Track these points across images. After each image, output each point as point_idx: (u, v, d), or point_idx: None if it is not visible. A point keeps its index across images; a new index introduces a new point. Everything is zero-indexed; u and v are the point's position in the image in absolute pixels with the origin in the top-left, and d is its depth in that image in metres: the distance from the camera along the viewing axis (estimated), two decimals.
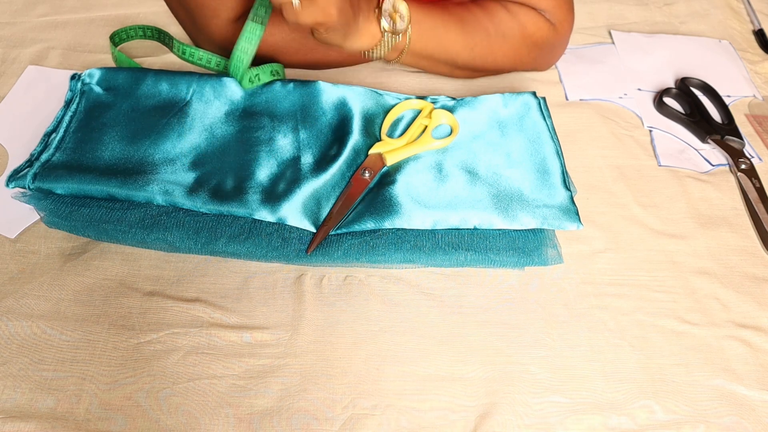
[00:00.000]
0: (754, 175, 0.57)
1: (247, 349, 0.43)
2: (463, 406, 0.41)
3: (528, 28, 0.58)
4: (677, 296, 0.48)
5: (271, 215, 0.47)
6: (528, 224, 0.47)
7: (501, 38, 0.57)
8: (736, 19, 0.76)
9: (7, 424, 0.39)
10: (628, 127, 0.61)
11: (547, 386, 0.43)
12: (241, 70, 0.54)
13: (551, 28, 0.59)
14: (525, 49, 0.59)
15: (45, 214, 0.47)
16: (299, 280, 0.47)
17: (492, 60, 0.58)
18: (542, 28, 0.58)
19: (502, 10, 0.58)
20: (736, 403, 0.43)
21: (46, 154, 0.49)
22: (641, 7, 0.76)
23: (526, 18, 0.58)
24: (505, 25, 0.57)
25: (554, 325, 0.46)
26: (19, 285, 0.46)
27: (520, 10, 0.58)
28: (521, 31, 0.58)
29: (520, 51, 0.59)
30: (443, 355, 0.44)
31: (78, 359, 0.42)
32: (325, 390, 0.42)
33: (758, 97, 0.65)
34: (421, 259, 0.47)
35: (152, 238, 0.46)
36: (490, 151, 0.52)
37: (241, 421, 0.40)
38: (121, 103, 0.53)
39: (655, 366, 0.44)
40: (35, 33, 0.66)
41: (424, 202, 0.48)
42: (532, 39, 0.58)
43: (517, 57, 0.60)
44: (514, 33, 0.58)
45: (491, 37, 0.57)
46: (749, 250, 0.52)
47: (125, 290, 0.46)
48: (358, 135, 0.52)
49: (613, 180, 0.56)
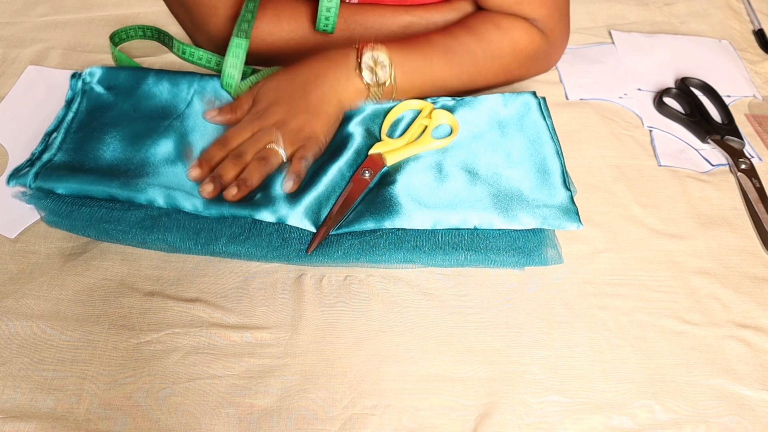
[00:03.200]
0: (754, 175, 0.57)
1: (247, 349, 0.43)
2: (463, 406, 0.41)
3: (519, 44, 0.57)
4: (677, 296, 0.48)
5: (271, 215, 0.47)
6: (528, 224, 0.47)
7: (490, 60, 0.57)
8: (736, 19, 0.76)
9: (7, 424, 0.39)
10: (628, 127, 0.61)
11: (547, 386, 0.43)
12: (234, 86, 0.54)
13: (543, 38, 0.58)
14: (516, 64, 0.58)
15: (45, 213, 0.47)
16: (299, 280, 0.47)
17: (483, 81, 0.58)
18: (534, 40, 0.57)
19: (492, 29, 0.56)
20: (736, 403, 0.43)
21: (48, 153, 0.49)
22: (641, 7, 0.76)
23: (519, 33, 0.57)
24: (494, 46, 0.56)
25: (554, 325, 0.46)
26: (19, 285, 0.46)
27: (513, 26, 0.57)
28: (512, 48, 0.57)
29: (510, 67, 0.58)
30: (443, 355, 0.44)
31: (78, 359, 0.42)
32: (325, 390, 0.42)
33: (758, 97, 0.65)
34: (421, 259, 0.47)
35: (152, 239, 0.46)
36: (490, 151, 0.52)
37: (241, 421, 0.40)
38: (123, 103, 0.53)
39: (655, 366, 0.44)
40: (35, 33, 0.66)
41: (424, 202, 0.48)
42: (524, 53, 0.58)
43: (508, 73, 0.59)
44: (504, 52, 0.57)
45: (479, 62, 0.56)
46: (749, 250, 0.52)
47: (125, 290, 0.46)
48: (359, 135, 0.52)
49: (613, 180, 0.56)
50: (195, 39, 0.63)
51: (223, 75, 0.54)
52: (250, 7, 0.55)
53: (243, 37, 0.53)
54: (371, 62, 0.51)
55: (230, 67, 0.53)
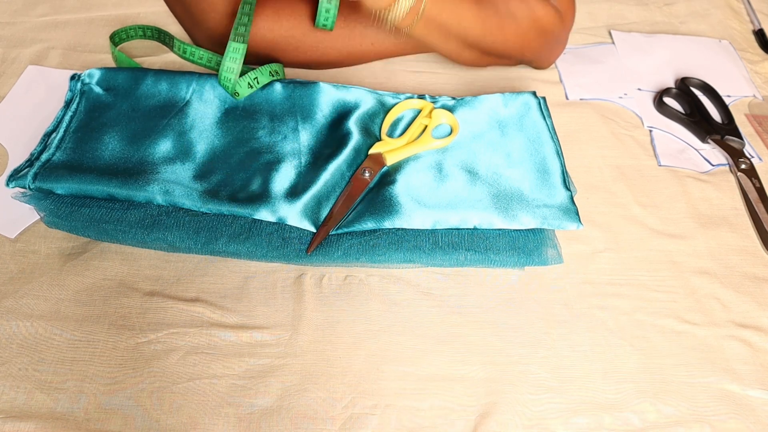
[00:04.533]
0: (754, 175, 0.57)
1: (247, 349, 0.43)
2: (463, 406, 0.41)
3: (537, 13, 0.58)
4: (677, 296, 0.48)
5: (271, 215, 0.47)
6: (528, 224, 0.47)
7: (511, 18, 0.57)
8: (736, 19, 0.76)
9: (7, 424, 0.39)
10: (628, 127, 0.61)
11: (547, 386, 0.43)
12: (231, 89, 0.54)
13: (558, 15, 0.59)
14: (533, 33, 0.59)
15: (45, 214, 0.47)
16: (299, 280, 0.47)
17: (502, 40, 0.58)
18: (550, 14, 0.58)
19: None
20: (736, 403, 0.43)
21: (47, 154, 0.49)
22: (641, 7, 0.76)
23: (536, 4, 0.58)
24: (515, 7, 0.57)
25: (554, 325, 0.46)
26: (19, 285, 0.46)
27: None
28: (530, 15, 0.58)
29: (528, 35, 0.59)
30: (443, 355, 0.44)
31: (78, 359, 0.42)
32: (325, 389, 0.42)
33: (758, 97, 0.65)
34: (421, 259, 0.47)
35: (152, 238, 0.46)
36: (490, 151, 0.52)
37: (241, 421, 0.40)
38: (121, 103, 0.53)
39: (655, 366, 0.44)
40: (35, 33, 0.66)
41: (424, 201, 0.48)
42: (540, 24, 0.58)
43: (525, 41, 0.60)
44: (523, 15, 0.58)
45: (502, 17, 0.57)
46: (749, 250, 0.52)
47: (125, 290, 0.46)
48: (358, 135, 0.52)
49: (613, 180, 0.56)
50: (194, 36, 0.63)
51: (219, 78, 0.54)
52: (246, 10, 0.55)
53: (240, 42, 0.53)
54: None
55: (227, 72, 0.53)
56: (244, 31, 0.53)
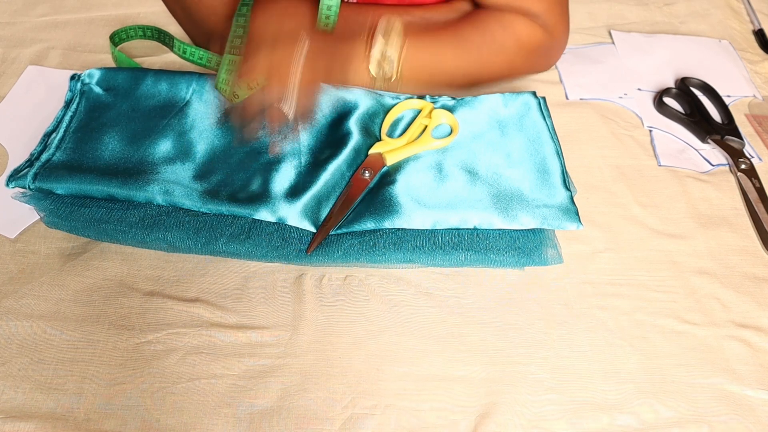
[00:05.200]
0: (754, 175, 0.56)
1: (247, 349, 0.43)
2: (463, 406, 0.41)
3: (522, 38, 0.57)
4: (677, 296, 0.48)
5: (271, 215, 0.47)
6: (528, 224, 0.47)
7: (494, 55, 0.57)
8: (736, 19, 0.76)
9: (7, 424, 0.39)
10: (628, 127, 0.61)
11: (547, 386, 0.43)
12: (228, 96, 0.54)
13: (545, 33, 0.58)
14: (520, 58, 0.59)
15: (45, 214, 0.47)
16: (299, 280, 0.47)
17: (488, 71, 0.58)
18: (536, 34, 0.58)
19: (494, 23, 0.57)
20: (736, 403, 0.43)
21: (47, 154, 0.49)
22: (641, 7, 0.76)
23: (520, 27, 0.57)
24: (498, 41, 0.57)
25: (554, 325, 0.46)
26: (19, 285, 0.46)
27: (514, 21, 0.57)
28: (515, 42, 0.57)
29: (514, 61, 0.59)
30: (443, 355, 0.44)
31: (78, 359, 0.42)
32: (325, 390, 0.42)
33: (758, 97, 0.65)
34: (421, 259, 0.47)
35: (152, 238, 0.46)
36: (490, 151, 0.52)
37: (241, 421, 0.40)
38: (121, 104, 0.53)
39: (655, 366, 0.44)
40: (35, 33, 0.66)
41: (424, 202, 0.48)
42: (526, 48, 0.58)
43: (514, 66, 0.59)
44: (507, 45, 0.57)
45: (484, 50, 0.57)
46: (749, 250, 0.52)
47: (125, 290, 0.46)
48: (358, 135, 0.52)
49: (613, 180, 0.56)
50: (194, 38, 0.63)
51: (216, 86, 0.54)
52: (241, 22, 0.54)
53: (236, 54, 0.53)
54: (380, 56, 0.51)
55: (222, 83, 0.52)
56: (239, 44, 0.53)
